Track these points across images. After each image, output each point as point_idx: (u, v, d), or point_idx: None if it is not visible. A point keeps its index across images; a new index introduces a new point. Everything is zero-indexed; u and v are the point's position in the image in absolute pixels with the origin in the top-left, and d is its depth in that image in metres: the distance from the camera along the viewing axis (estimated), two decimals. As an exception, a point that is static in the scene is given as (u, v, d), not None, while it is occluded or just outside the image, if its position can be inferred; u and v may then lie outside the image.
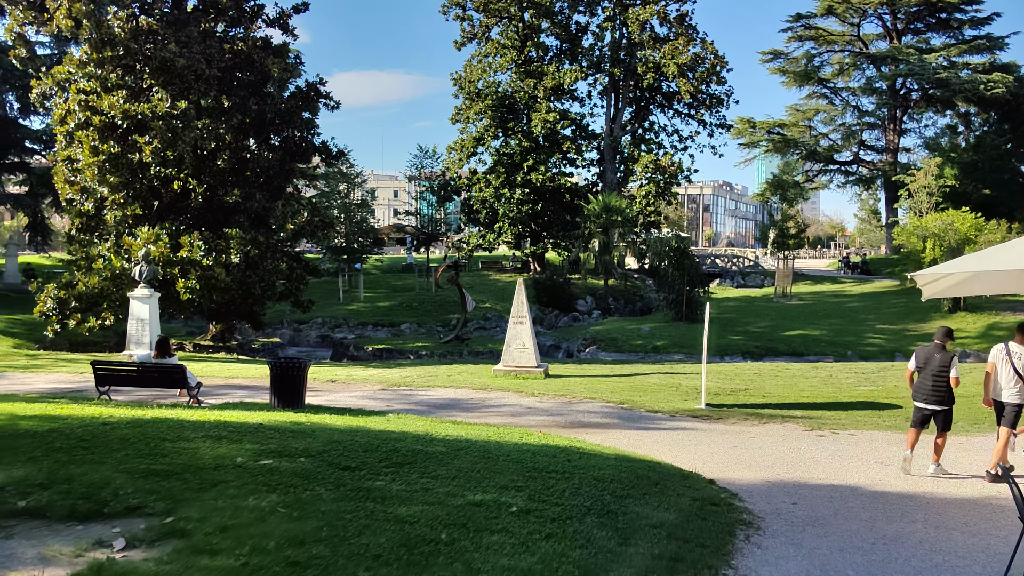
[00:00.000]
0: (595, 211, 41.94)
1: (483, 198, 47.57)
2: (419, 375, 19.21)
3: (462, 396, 16.01)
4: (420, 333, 35.84)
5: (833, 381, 19.25)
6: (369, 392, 16.41)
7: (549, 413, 14.15)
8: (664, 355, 28.57)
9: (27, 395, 14.20)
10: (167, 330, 31.65)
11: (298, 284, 24.89)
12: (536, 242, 49.17)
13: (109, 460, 7.16)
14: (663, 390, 17.23)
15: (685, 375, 19.77)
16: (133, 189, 23.17)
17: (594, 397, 15.93)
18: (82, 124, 22.79)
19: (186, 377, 13.71)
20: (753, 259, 61.09)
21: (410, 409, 14.28)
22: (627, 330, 32.86)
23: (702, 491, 8.61)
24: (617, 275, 45.09)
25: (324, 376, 18.54)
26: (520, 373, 18.99)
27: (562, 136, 48.03)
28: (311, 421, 10.71)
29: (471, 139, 48.94)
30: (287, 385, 13.41)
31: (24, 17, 23.40)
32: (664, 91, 51.81)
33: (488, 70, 49.43)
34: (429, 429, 10.64)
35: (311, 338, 35.65)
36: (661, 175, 48.38)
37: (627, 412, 14.45)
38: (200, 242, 22.51)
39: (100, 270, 21.98)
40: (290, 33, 28.73)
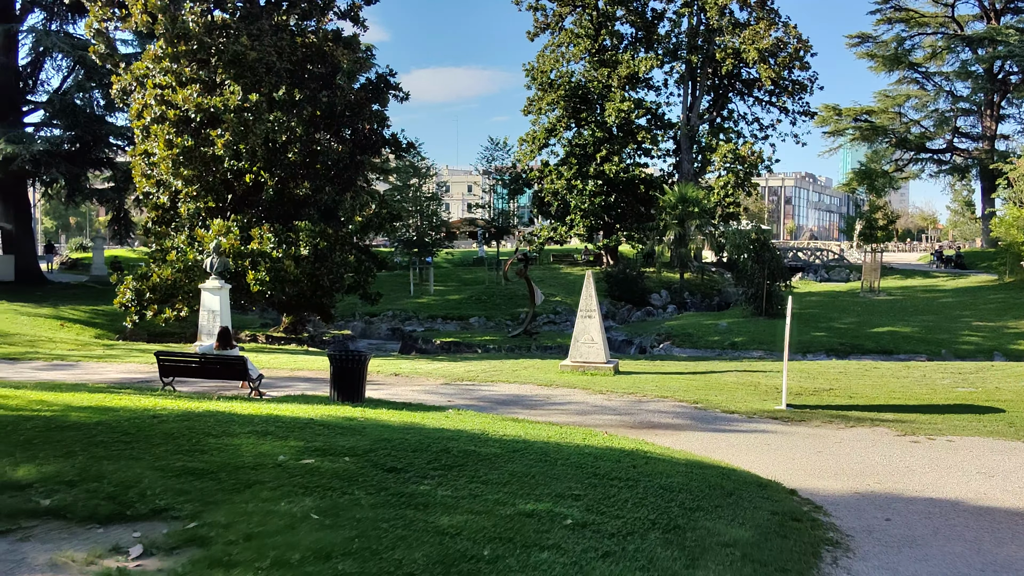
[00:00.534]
0: (671, 202, 40.72)
1: (554, 190, 46.84)
2: (483, 370, 18.74)
3: (526, 392, 15.44)
4: (488, 327, 35.46)
5: (927, 382, 17.88)
6: (431, 386, 16.01)
7: (617, 412, 13.44)
8: (742, 352, 27.40)
9: (95, 385, 14.31)
10: (242, 322, 32.21)
11: (366, 277, 24.79)
12: (609, 235, 48.17)
13: (147, 456, 6.86)
14: (740, 389, 16.28)
15: (764, 373, 18.72)
16: (206, 182, 23.43)
17: (665, 396, 15.13)
18: (158, 118, 23.15)
19: (247, 369, 13.55)
20: (838, 252, 58.57)
21: (471, 405, 13.78)
22: (703, 325, 31.72)
23: (782, 503, 7.80)
24: (693, 268, 43.75)
25: (389, 369, 18.27)
26: (588, 369, 18.31)
27: (637, 126, 46.88)
28: (365, 416, 10.32)
29: (543, 130, 48.26)
30: (347, 378, 13.09)
31: (103, 13, 23.92)
32: (744, 78, 49.98)
33: (561, 60, 48.63)
34: (486, 427, 10.10)
35: (382, 331, 35.73)
36: (740, 165, 46.69)
37: (700, 412, 13.62)
38: (270, 234, 22.60)
39: (173, 262, 22.30)
40: (361, 25, 28.66)
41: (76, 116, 32.73)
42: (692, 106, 49.95)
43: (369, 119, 26.50)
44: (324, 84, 25.87)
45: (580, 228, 46.93)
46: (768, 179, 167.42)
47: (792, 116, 50.60)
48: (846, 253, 57.52)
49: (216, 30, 24.10)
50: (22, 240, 35.18)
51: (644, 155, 49.28)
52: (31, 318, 26.38)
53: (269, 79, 23.64)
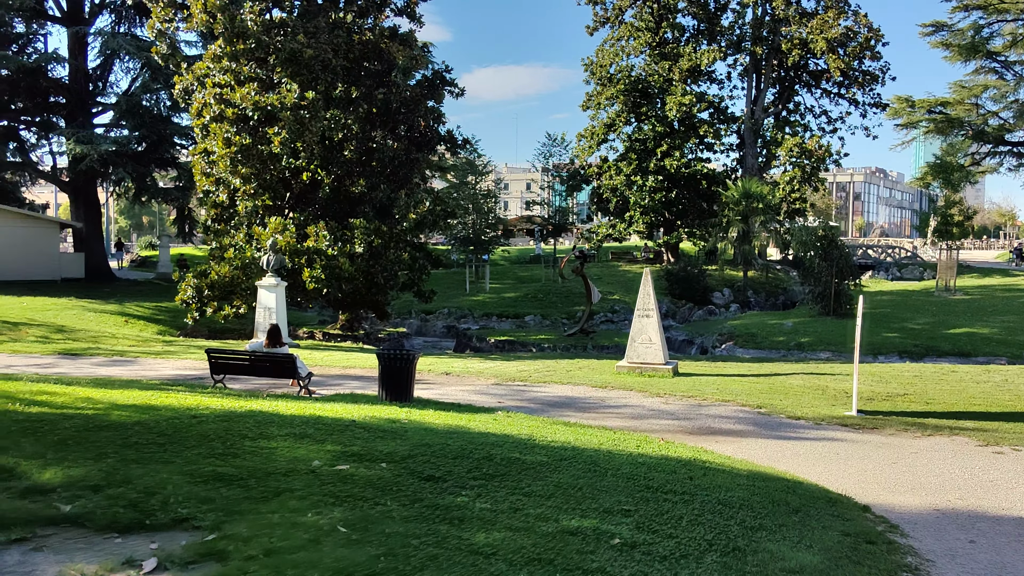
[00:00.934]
0: (734, 198, 39.54)
1: (613, 186, 46.02)
2: (536, 370, 18.29)
3: (579, 394, 14.94)
4: (544, 325, 34.99)
5: (1010, 387, 16.74)
6: (482, 387, 15.64)
7: (675, 417, 12.84)
8: (809, 353, 26.32)
9: (148, 381, 14.37)
10: (301, 319, 32.46)
11: (420, 274, 24.60)
12: (669, 231, 47.14)
13: (178, 459, 6.61)
14: (807, 393, 15.47)
15: (833, 376, 17.81)
16: (263, 180, 23.56)
17: (727, 399, 14.44)
18: (216, 117, 23.36)
19: (296, 367, 13.39)
20: (910, 249, 56.26)
21: (521, 407, 13.36)
22: (767, 325, 30.64)
23: (854, 522, 7.15)
24: (757, 266, 42.45)
25: (440, 368, 17.98)
26: (645, 371, 17.69)
27: (698, 120, 45.74)
28: (410, 418, 9.98)
29: (602, 125, 47.50)
30: (395, 378, 12.83)
31: (165, 14, 24.28)
32: (811, 69, 48.32)
33: (620, 54, 47.76)
34: (534, 432, 9.65)
35: (437, 328, 35.60)
36: (807, 159, 45.12)
37: (764, 418, 12.91)
38: (326, 232, 22.58)
39: (231, 259, 22.47)
40: (417, 21, 28.50)
41: (142, 117, 33.48)
42: (756, 99, 48.51)
43: (424, 116, 26.31)
44: (379, 81, 25.78)
45: (639, 225, 46.03)
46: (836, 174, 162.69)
47: (862, 108, 48.77)
48: (919, 250, 55.22)
49: (274, 28, 24.20)
50: (92, 239, 36.18)
51: (706, 150, 48.09)
52: (97, 314, 26.98)
53: (325, 76, 23.62)
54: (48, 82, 34.49)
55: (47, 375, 14.76)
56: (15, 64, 31.52)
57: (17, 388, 10.27)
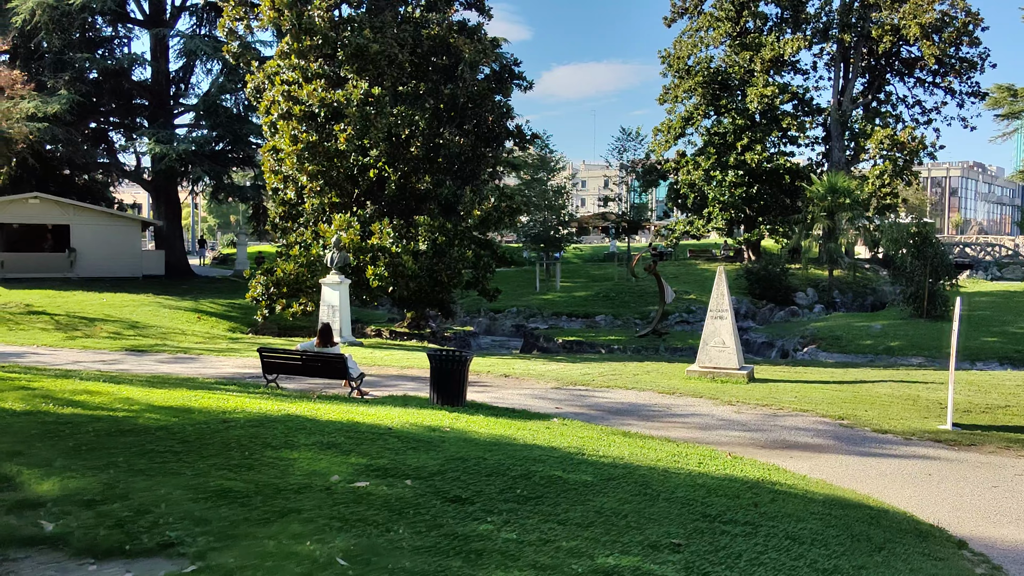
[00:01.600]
0: (818, 193, 37.61)
1: (691, 181, 44.51)
2: (601, 373, 17.46)
3: (644, 401, 14.06)
4: (616, 325, 33.99)
5: None
6: (541, 390, 14.93)
7: (746, 428, 11.85)
8: (899, 358, 24.65)
9: (203, 379, 14.23)
10: (371, 317, 32.40)
11: (484, 272, 24.05)
12: (750, 228, 45.30)
13: (188, 471, 6.15)
14: (895, 403, 14.18)
15: (925, 385, 16.37)
16: (329, 177, 23.44)
17: (805, 409, 13.32)
18: (284, 114, 23.35)
19: (347, 367, 12.98)
20: (1012, 248, 52.66)
21: (580, 414, 12.60)
22: (854, 327, 28.90)
23: (948, 562, 6.15)
24: (844, 265, 40.30)
25: (500, 369, 17.35)
26: (718, 376, 16.65)
27: (781, 112, 43.75)
28: (455, 426, 9.36)
29: (679, 119, 46.02)
30: (446, 380, 12.26)
31: (236, 13, 24.44)
32: (903, 57, 45.67)
33: (699, 45, 46.16)
34: (586, 444, 8.89)
35: (506, 327, 35.07)
36: (899, 152, 42.60)
37: (846, 431, 11.79)
38: (389, 229, 22.28)
39: (296, 257, 22.42)
40: (486, 14, 28.02)
41: (219, 116, 34.05)
42: (844, 89, 46.15)
43: (491, 110, 25.75)
44: (447, 76, 25.35)
45: (718, 221, 44.40)
46: (931, 169, 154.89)
47: (959, 98, 45.81)
48: (1021, 248, 51.64)
49: (341, 24, 24.04)
50: (172, 237, 37.10)
51: (790, 143, 45.99)
52: (171, 311, 27.46)
53: (391, 72, 23.34)
54: (131, 84, 35.49)
55: (107, 372, 14.83)
56: (100, 66, 32.50)
57: (60, 387, 10.13)
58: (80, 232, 33.42)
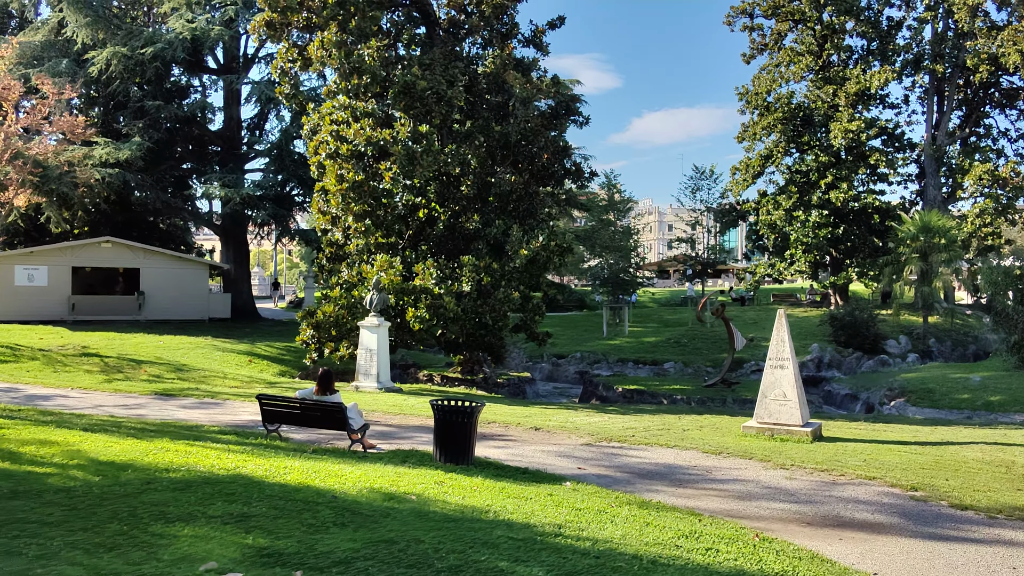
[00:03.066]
0: (910, 232, 34.77)
1: (771, 222, 42.11)
2: (646, 427, 15.81)
3: (683, 462, 12.38)
4: (685, 374, 31.94)
5: None
6: (569, 447, 13.43)
7: (794, 498, 10.08)
8: (1000, 415, 21.88)
9: (209, 427, 13.42)
10: (429, 361, 31.48)
11: (533, 315, 22.73)
12: (837, 271, 42.43)
13: (33, 551, 5.08)
14: (984, 470, 12.03)
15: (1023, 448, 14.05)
16: (375, 217, 22.79)
17: (872, 476, 11.38)
18: (332, 154, 22.95)
19: (346, 417, 11.86)
20: None
21: (603, 476, 11.08)
22: (949, 379, 26.06)
23: None
24: (940, 311, 37.02)
25: (532, 422, 15.92)
26: (777, 433, 14.78)
27: (869, 148, 41.07)
28: (423, 494, 8.05)
29: (758, 157, 43.88)
30: (451, 434, 11.01)
31: (289, 55, 24.37)
32: (1004, 88, 42.39)
33: (779, 80, 44.10)
34: (572, 520, 7.41)
35: (569, 373, 33.52)
36: (1000, 188, 39.21)
37: (916, 506, 9.85)
38: (433, 269, 21.36)
39: (336, 299, 21.73)
40: (543, 50, 27.18)
41: (284, 160, 34.32)
42: (939, 123, 43.11)
43: (544, 147, 24.69)
44: (500, 113, 24.52)
45: (801, 264, 41.75)
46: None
47: (1071, 129, 42.11)
48: None
49: (392, 63, 23.61)
50: (240, 280, 37.45)
51: (879, 181, 43.07)
52: (224, 353, 27.24)
53: (439, 109, 22.63)
54: (203, 131, 36.31)
55: (117, 416, 14.22)
56: (172, 113, 33.32)
57: (18, 435, 9.40)
58: (149, 275, 33.99)
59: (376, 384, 20.08)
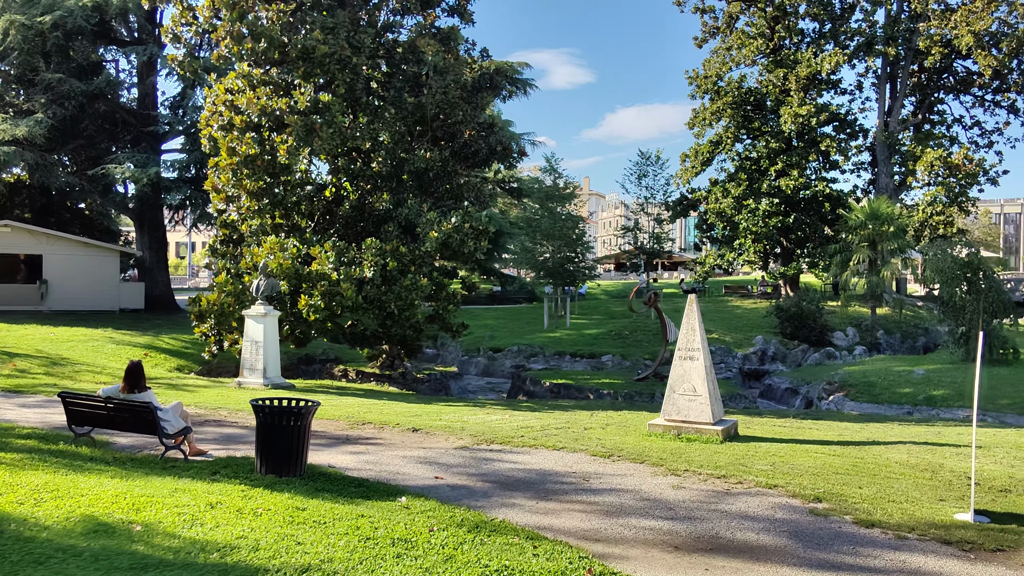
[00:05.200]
0: (858, 220, 33.52)
1: (720, 210, 40.67)
2: (546, 426, 14.12)
3: (563, 468, 10.67)
4: (623, 367, 30.34)
5: None
6: (439, 451, 11.66)
7: (672, 514, 8.41)
8: (942, 410, 20.55)
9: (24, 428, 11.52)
10: (351, 355, 29.46)
11: (446, 304, 20.90)
12: (787, 261, 41.17)
13: None
14: (906, 476, 10.48)
15: (957, 449, 12.56)
16: (273, 195, 20.81)
17: (774, 484, 9.74)
18: (225, 126, 20.92)
19: (157, 419, 9.95)
20: (1092, 285, 47.11)
21: (458, 488, 9.35)
22: (892, 373, 24.75)
23: None
24: (890, 302, 35.86)
25: (417, 422, 14.14)
26: (685, 432, 13.16)
27: (820, 134, 39.79)
28: (159, 523, 6.22)
29: (707, 144, 42.42)
30: (275, 440, 9.21)
31: (182, 17, 22.22)
32: (958, 74, 41.36)
33: (729, 63, 42.65)
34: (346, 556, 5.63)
35: (505, 368, 31.77)
36: (953, 176, 38.16)
37: (815, 523, 8.22)
38: (331, 253, 19.44)
39: (223, 285, 19.73)
40: (467, 20, 25.33)
41: (196, 139, 32.04)
42: (891, 109, 41.98)
43: (464, 122, 22.83)
44: (415, 85, 22.63)
45: (750, 254, 40.41)
46: (1004, 204, 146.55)
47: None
48: (1105, 285, 46.09)
49: (293, 29, 21.60)
50: (156, 267, 35.09)
51: (831, 168, 41.87)
52: (119, 346, 25.08)
53: (343, 77, 20.67)
54: (114, 107, 33.85)
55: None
56: (77, 88, 30.87)
57: None
58: (53, 262, 31.59)
59: (262, 380, 18.14)
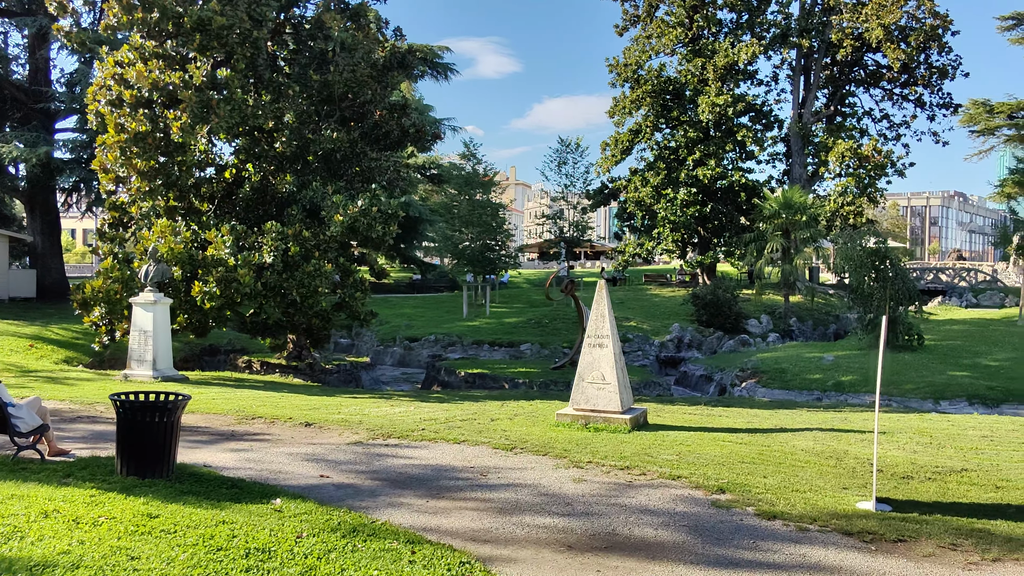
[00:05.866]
0: (772, 209, 33.99)
1: (639, 199, 40.77)
2: (451, 418, 13.52)
3: (461, 462, 10.09)
4: (542, 355, 30.03)
5: None
6: (330, 447, 10.92)
7: (569, 510, 7.92)
8: (850, 395, 20.83)
9: None
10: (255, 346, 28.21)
11: (353, 291, 20.02)
12: (704, 250, 41.59)
13: None
14: (812, 464, 10.28)
15: (862, 435, 12.49)
16: (167, 175, 19.51)
17: (678, 475, 9.37)
18: (114, 101, 19.49)
19: (7, 416, 8.92)
20: (990, 273, 49.28)
21: (343, 487, 8.67)
22: (803, 359, 25.07)
23: None
24: (803, 289, 36.57)
25: (314, 416, 13.34)
26: (593, 422, 12.76)
27: (737, 124, 40.24)
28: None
29: (627, 133, 42.43)
30: (137, 439, 8.32)
31: (67, -17, 20.66)
32: (867, 66, 42.42)
33: (649, 52, 42.71)
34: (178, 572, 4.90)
35: (422, 358, 31.03)
36: (863, 167, 39.12)
37: (716, 516, 7.85)
38: (228, 236, 18.33)
39: (108, 270, 18.40)
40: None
41: (88, 117, 30.07)
42: (805, 101, 42.82)
43: (373, 102, 21.92)
44: (321, 62, 21.59)
45: (668, 243, 40.62)
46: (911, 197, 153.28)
47: (930, 110, 42.61)
48: (1000, 274, 48.24)
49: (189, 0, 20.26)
50: (49, 253, 32.94)
51: (747, 158, 42.46)
52: (3, 337, 23.33)
53: (243, 51, 19.51)
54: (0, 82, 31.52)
55: None
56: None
57: None
58: (-68, 247, 29.31)
59: (152, 372, 16.96)
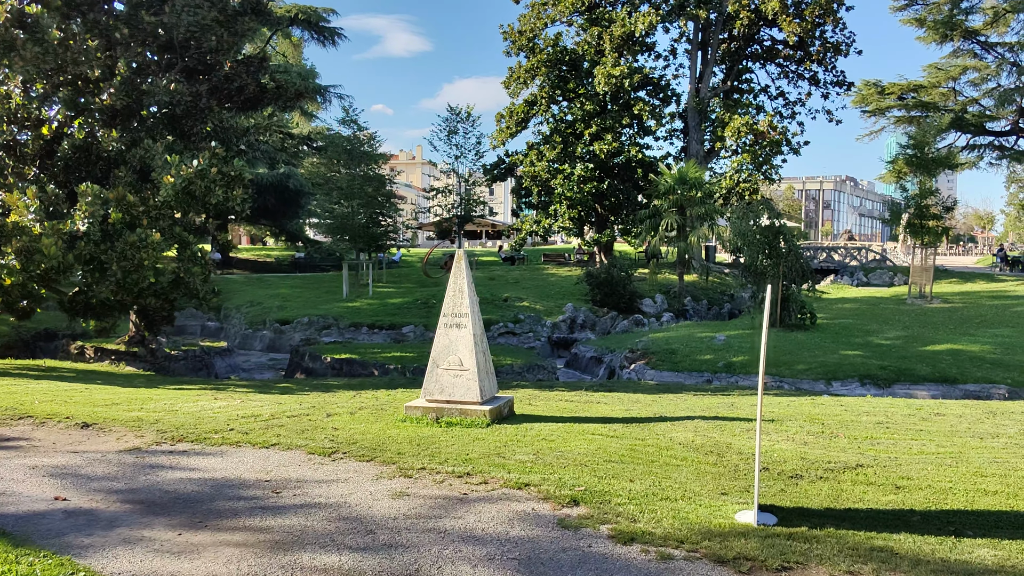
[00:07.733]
0: (667, 185, 32.90)
1: (535, 174, 39.11)
2: (279, 413, 11.37)
3: (258, 474, 8.00)
4: (425, 338, 28.04)
5: (1037, 447, 9.94)
6: (96, 455, 8.65)
7: (369, 542, 6.01)
8: (741, 376, 19.69)
9: None
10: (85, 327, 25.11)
11: (189, 266, 17.46)
12: (601, 229, 40.36)
13: None
14: (689, 461, 8.66)
15: (749, 424, 11.01)
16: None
17: (526, 483, 7.55)
18: None
19: None
20: (879, 252, 50.16)
21: (77, 512, 6.50)
22: (695, 339, 23.94)
23: None
24: (697, 268, 35.79)
25: (105, 414, 10.97)
26: (447, 414, 10.87)
27: (634, 98, 39.02)
28: None
29: (523, 105, 40.64)
30: None
31: None
32: (764, 42, 41.93)
33: (545, 19, 40.94)
34: None
35: (294, 341, 28.51)
36: (759, 144, 38.60)
37: (560, 540, 6.06)
38: (32, 200, 15.52)
39: None
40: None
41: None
42: (702, 76, 42.00)
43: (221, 50, 19.28)
44: (154, 3, 18.75)
45: (565, 220, 39.17)
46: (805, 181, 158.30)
47: (824, 87, 42.51)
48: (889, 253, 49.17)
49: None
50: None
51: (645, 134, 41.36)
52: None
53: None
54: None
55: None
56: None
57: None
58: None
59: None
